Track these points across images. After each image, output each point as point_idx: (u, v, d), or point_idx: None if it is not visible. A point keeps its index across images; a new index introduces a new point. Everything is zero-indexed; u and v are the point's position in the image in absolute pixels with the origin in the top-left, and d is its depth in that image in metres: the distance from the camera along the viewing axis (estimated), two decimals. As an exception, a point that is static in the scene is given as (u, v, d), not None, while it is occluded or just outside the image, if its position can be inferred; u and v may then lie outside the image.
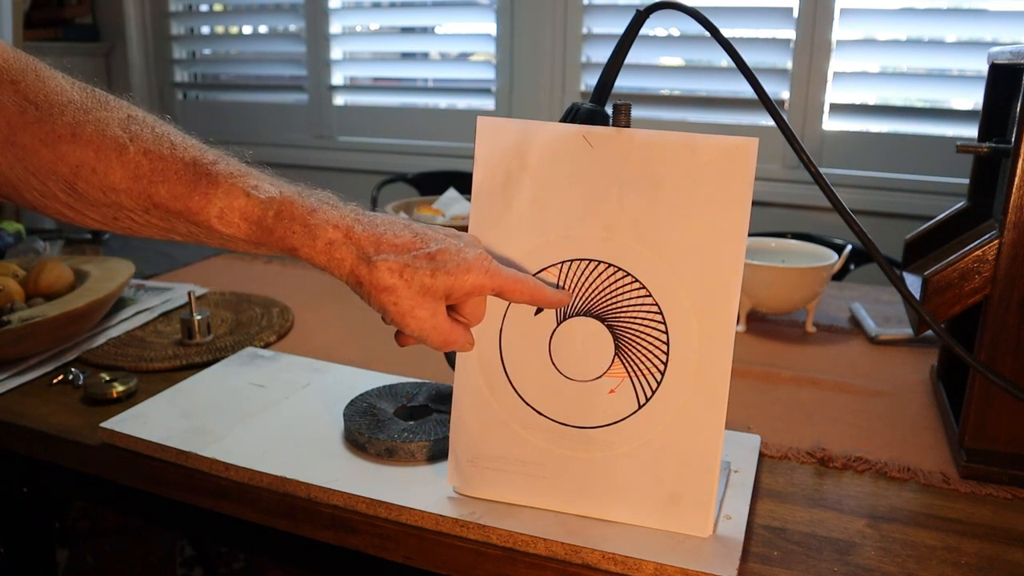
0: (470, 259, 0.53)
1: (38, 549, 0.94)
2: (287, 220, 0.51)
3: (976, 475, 0.66)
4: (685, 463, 0.55)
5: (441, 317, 0.54)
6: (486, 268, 0.53)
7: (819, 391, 0.83)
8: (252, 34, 2.54)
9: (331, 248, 0.52)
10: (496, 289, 0.54)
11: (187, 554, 1.71)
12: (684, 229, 0.54)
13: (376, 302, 0.53)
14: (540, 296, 0.55)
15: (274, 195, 0.52)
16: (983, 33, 1.70)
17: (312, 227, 0.52)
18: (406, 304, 0.52)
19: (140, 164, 0.50)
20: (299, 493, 0.62)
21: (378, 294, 0.52)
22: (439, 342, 0.54)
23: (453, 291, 0.52)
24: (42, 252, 1.22)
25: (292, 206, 0.52)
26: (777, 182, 1.90)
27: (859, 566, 0.55)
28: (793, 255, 1.04)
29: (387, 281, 0.51)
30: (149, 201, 0.50)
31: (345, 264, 0.52)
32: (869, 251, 0.58)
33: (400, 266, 0.51)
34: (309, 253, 0.52)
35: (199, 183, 0.50)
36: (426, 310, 0.52)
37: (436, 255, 0.52)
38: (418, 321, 0.53)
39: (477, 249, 0.54)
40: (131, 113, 0.51)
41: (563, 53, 2.06)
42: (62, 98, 0.49)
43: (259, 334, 0.94)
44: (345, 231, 0.52)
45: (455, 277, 0.52)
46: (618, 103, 0.56)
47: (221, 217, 0.51)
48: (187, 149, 0.51)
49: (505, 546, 0.56)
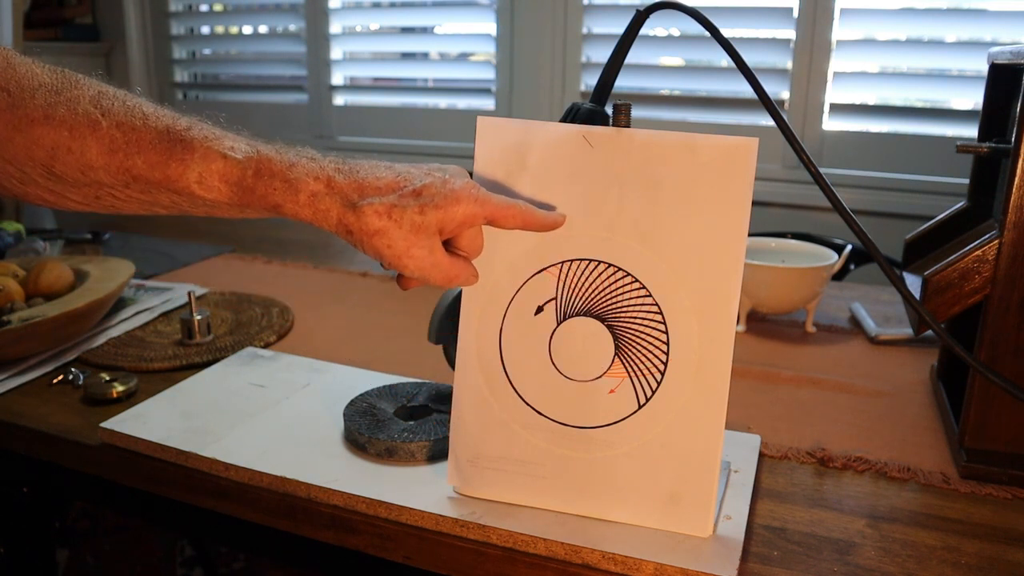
0: (457, 189, 0.52)
1: (38, 549, 0.94)
2: (267, 177, 0.51)
3: (976, 475, 0.66)
4: (685, 463, 0.55)
5: (439, 253, 0.53)
6: (475, 196, 0.52)
7: (819, 391, 0.83)
8: (252, 34, 2.54)
9: (315, 200, 0.51)
10: (488, 216, 0.53)
11: (187, 554, 1.71)
12: (684, 229, 0.54)
13: (369, 247, 0.52)
14: (532, 219, 0.54)
15: (251, 154, 0.51)
16: (983, 33, 1.70)
17: (292, 181, 0.51)
18: (400, 245, 0.51)
19: (114, 138, 0.49)
20: (299, 493, 0.62)
21: (369, 239, 0.51)
22: (441, 278, 0.54)
23: (445, 224, 0.52)
24: (42, 252, 1.22)
25: (270, 163, 0.51)
26: (777, 182, 1.90)
27: (859, 566, 0.55)
28: (793, 255, 1.04)
29: (376, 224, 0.51)
30: (128, 174, 0.50)
31: (331, 214, 0.51)
32: (869, 251, 0.58)
33: (387, 207, 0.51)
34: (293, 208, 0.51)
35: (174, 150, 0.50)
36: (422, 248, 0.52)
37: (422, 191, 0.52)
38: (416, 260, 0.52)
39: (463, 178, 0.53)
40: (101, 90, 0.51)
41: (563, 53, 2.06)
42: (33, 82, 0.49)
43: (259, 334, 0.94)
44: (326, 181, 0.51)
45: (444, 210, 0.51)
46: (618, 103, 0.56)
47: (201, 182, 0.51)
48: (160, 118, 0.51)
49: (505, 546, 0.56)
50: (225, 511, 0.65)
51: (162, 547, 1.71)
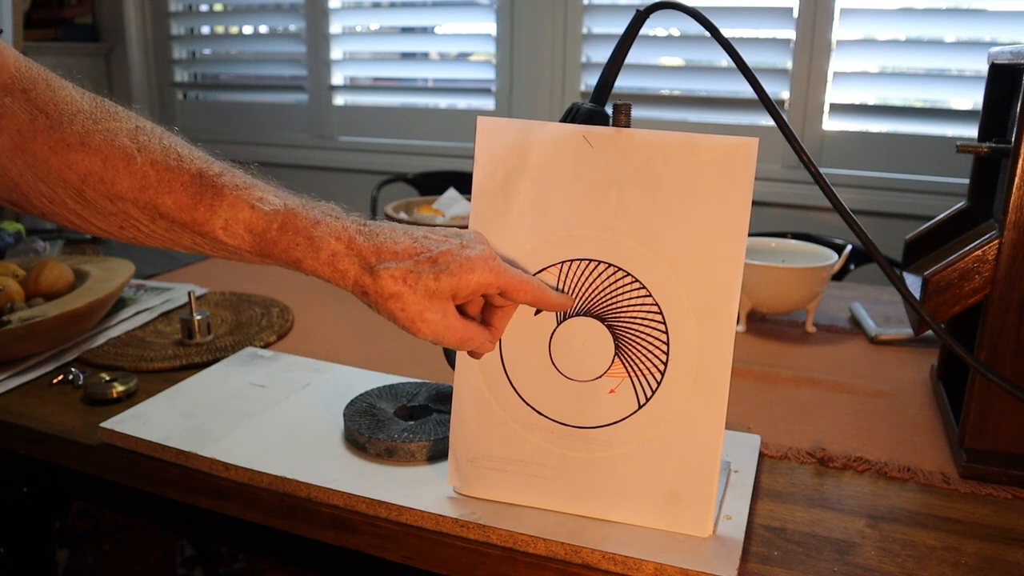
0: (473, 257, 0.53)
1: (38, 549, 0.94)
2: (291, 232, 0.52)
3: (976, 475, 0.66)
4: (685, 463, 0.55)
5: (452, 317, 0.53)
6: (490, 266, 0.53)
7: (819, 391, 0.83)
8: (252, 34, 2.54)
9: (334, 260, 0.52)
10: (501, 287, 0.54)
11: (187, 554, 1.71)
12: (684, 229, 0.54)
13: (384, 310, 0.53)
14: (543, 298, 0.55)
15: (278, 207, 0.52)
16: (983, 33, 1.70)
17: (315, 239, 0.52)
18: (413, 309, 0.52)
19: (147, 174, 0.50)
20: (299, 493, 0.62)
21: (384, 302, 0.52)
22: (455, 341, 0.54)
23: (459, 290, 0.52)
24: (42, 252, 1.22)
25: (296, 218, 0.52)
26: (777, 182, 1.90)
27: (859, 566, 0.55)
28: (793, 255, 1.04)
29: (391, 288, 0.51)
30: (155, 211, 0.51)
31: (349, 275, 0.52)
32: (869, 251, 0.58)
33: (403, 272, 0.52)
34: (313, 266, 0.52)
35: (205, 195, 0.51)
36: (435, 312, 0.52)
37: (438, 258, 0.52)
38: (429, 324, 0.53)
39: (481, 246, 0.54)
40: (139, 124, 0.52)
41: (563, 53, 2.06)
42: (72, 107, 0.50)
43: (259, 334, 0.94)
44: (347, 242, 0.52)
45: (459, 277, 0.52)
46: (618, 103, 0.56)
47: (226, 228, 0.51)
48: (194, 161, 0.52)
49: (505, 546, 0.56)
50: (225, 511, 0.65)
51: (162, 547, 1.72)
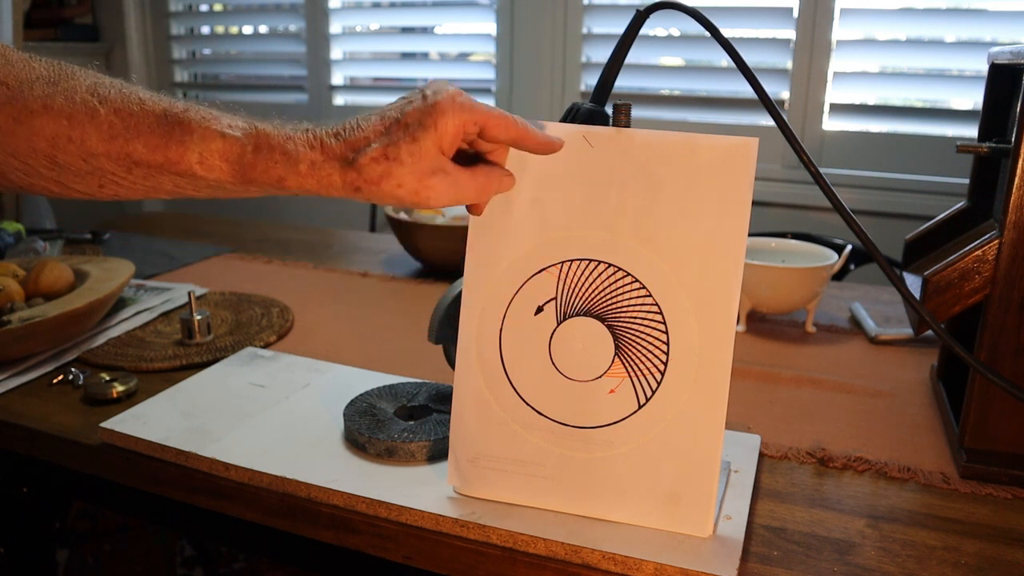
0: (440, 102, 0.51)
1: (38, 549, 0.94)
2: (266, 151, 0.51)
3: (976, 475, 0.66)
4: (685, 463, 0.55)
5: (455, 171, 0.52)
6: (459, 103, 0.51)
7: (819, 391, 0.83)
8: (252, 34, 2.54)
9: (314, 169, 0.51)
10: (477, 122, 0.52)
11: (187, 554, 1.71)
12: (684, 229, 0.54)
13: (384, 196, 0.51)
14: (527, 137, 0.54)
15: (249, 130, 0.52)
16: (983, 33, 1.70)
17: (291, 153, 0.51)
18: (410, 180, 0.51)
19: (113, 124, 0.50)
20: (299, 493, 0.62)
21: (378, 187, 0.51)
22: (473, 194, 0.53)
23: (442, 140, 0.51)
24: (42, 252, 1.22)
25: (268, 137, 0.52)
26: (777, 182, 1.90)
27: (859, 566, 0.55)
28: (793, 255, 1.04)
29: (377, 170, 0.50)
30: (129, 160, 0.50)
31: (335, 180, 0.51)
32: (869, 251, 0.58)
33: (381, 150, 0.50)
34: (296, 180, 0.51)
35: (173, 132, 0.51)
36: (434, 175, 0.51)
37: (405, 119, 0.51)
38: (435, 188, 0.51)
39: (445, 90, 0.52)
40: (97, 79, 0.52)
41: (563, 53, 2.06)
42: (31, 75, 0.50)
43: (259, 334, 0.94)
44: (320, 148, 0.51)
45: (434, 128, 0.50)
46: (618, 103, 0.56)
47: (202, 162, 0.51)
48: (157, 102, 0.52)
49: (505, 546, 0.56)
50: (225, 511, 0.65)
51: (162, 547, 1.72)
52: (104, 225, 1.54)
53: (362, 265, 1.29)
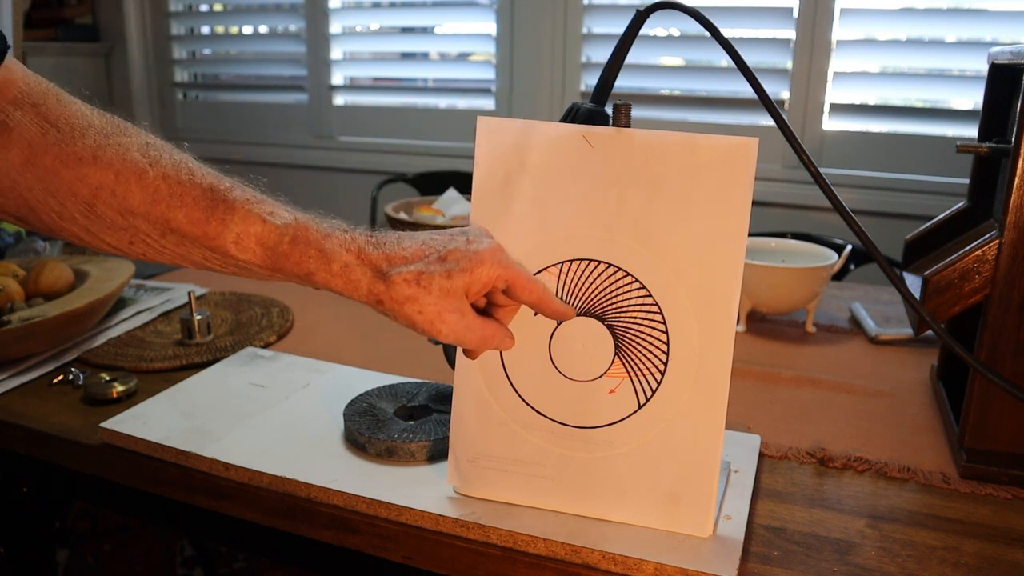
0: (482, 251, 0.53)
1: (38, 549, 0.94)
2: (302, 245, 0.52)
3: (976, 475, 0.66)
4: (685, 463, 0.55)
5: (471, 316, 0.54)
6: (498, 259, 0.53)
7: (819, 391, 0.83)
8: (252, 34, 2.54)
9: (347, 271, 0.52)
10: (508, 280, 0.54)
11: (187, 554, 1.71)
12: (684, 229, 0.54)
13: (402, 316, 0.53)
14: (546, 301, 0.55)
15: (289, 221, 0.53)
16: (983, 33, 1.70)
17: (327, 252, 0.52)
18: (431, 310, 0.52)
19: (159, 188, 0.50)
20: (299, 493, 0.62)
21: (400, 307, 0.52)
22: (476, 340, 0.55)
23: (471, 286, 0.53)
24: (42, 252, 1.22)
25: (307, 231, 0.52)
26: (777, 182, 1.90)
27: (859, 566, 0.55)
28: (793, 255, 1.04)
29: (406, 292, 0.52)
30: (167, 226, 0.51)
31: (362, 285, 0.53)
32: (869, 251, 0.57)
33: (415, 275, 0.52)
34: (326, 278, 0.52)
35: (216, 209, 0.51)
36: (453, 312, 0.53)
37: (447, 256, 0.53)
38: (448, 324, 0.53)
39: (487, 240, 0.54)
40: (149, 140, 0.52)
41: (563, 53, 2.06)
42: (83, 122, 0.50)
43: (259, 334, 0.94)
44: (357, 253, 0.53)
45: (470, 272, 0.52)
46: (618, 103, 0.56)
47: (237, 243, 0.52)
48: (205, 176, 0.52)
49: (505, 546, 0.56)
50: (225, 511, 0.65)
51: (162, 547, 1.72)
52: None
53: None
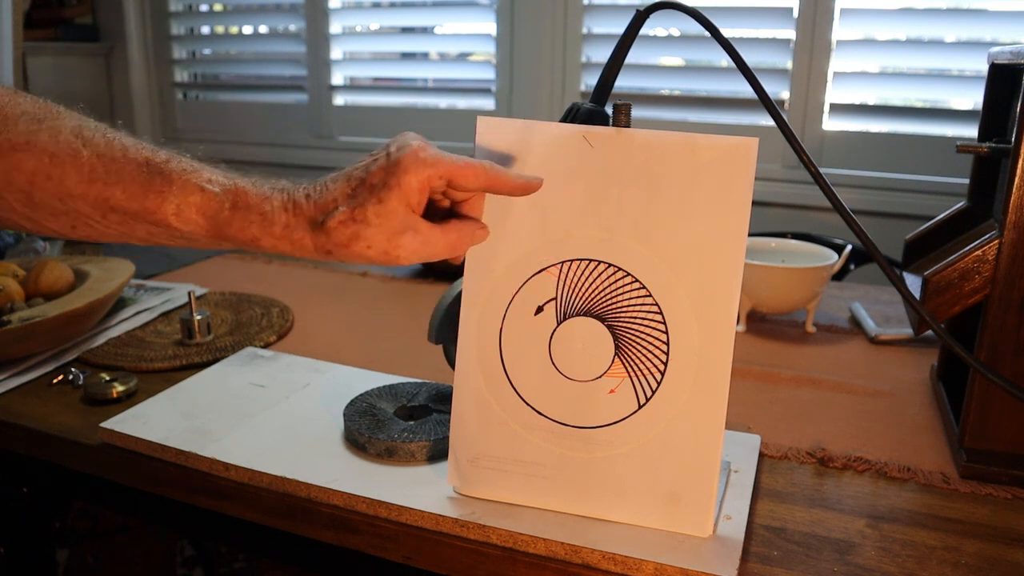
0: (403, 158, 0.50)
1: (38, 549, 0.94)
2: (243, 210, 0.51)
3: (976, 475, 0.66)
4: (685, 463, 0.55)
5: (426, 229, 0.52)
6: (422, 159, 0.50)
7: (819, 391, 0.83)
8: (252, 34, 2.54)
9: (288, 232, 0.51)
10: (445, 175, 0.51)
11: (187, 554, 1.71)
12: (684, 229, 0.54)
13: (355, 257, 0.51)
14: (500, 181, 0.53)
15: (228, 187, 0.52)
16: (983, 33, 1.70)
17: (267, 214, 0.51)
18: (379, 240, 0.50)
19: (94, 167, 0.50)
20: (299, 493, 0.62)
21: (349, 250, 0.51)
22: (445, 249, 0.53)
23: (408, 198, 0.50)
24: (42, 252, 1.22)
25: (246, 195, 0.52)
26: (777, 182, 1.90)
27: (859, 566, 0.55)
28: (793, 255, 1.04)
29: (346, 232, 0.50)
30: (106, 204, 0.51)
31: (307, 243, 0.52)
32: (869, 251, 0.58)
33: (348, 212, 0.50)
34: (271, 241, 0.52)
35: (153, 181, 0.51)
36: (403, 234, 0.51)
37: (370, 179, 0.51)
38: (406, 248, 0.51)
39: (410, 144, 0.51)
40: (82, 121, 0.52)
41: (563, 53, 2.06)
42: (15, 110, 0.50)
43: (259, 334, 0.94)
44: (294, 211, 0.52)
45: (397, 186, 0.50)
46: (618, 103, 0.56)
47: (178, 214, 0.51)
48: (139, 150, 0.52)
49: (505, 546, 0.56)
50: (225, 511, 0.65)
51: (162, 547, 1.71)
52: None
53: (362, 265, 1.29)
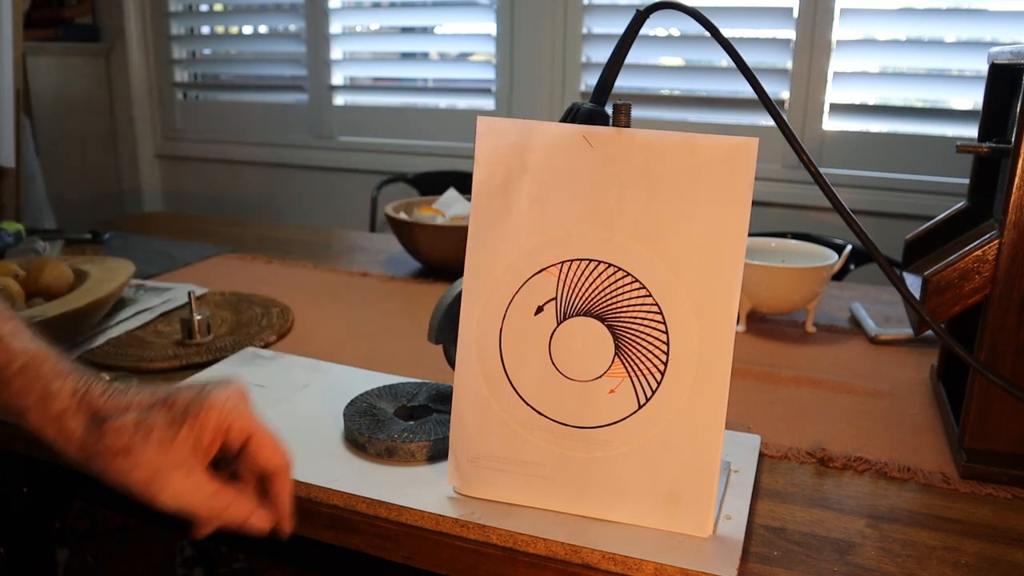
0: (213, 395, 0.47)
1: (38, 549, 0.94)
2: (30, 378, 0.46)
3: (976, 475, 0.66)
4: (685, 463, 0.55)
5: (200, 478, 0.46)
6: (231, 404, 0.47)
7: (819, 391, 0.83)
8: (252, 34, 2.54)
9: (62, 418, 0.46)
10: (244, 430, 0.48)
11: (187, 554, 1.71)
12: (684, 229, 0.54)
13: (114, 473, 0.45)
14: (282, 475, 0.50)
15: (28, 348, 0.47)
16: (983, 33, 1.70)
17: (52, 391, 0.46)
18: (149, 466, 0.45)
19: None
20: (299, 493, 0.62)
21: (111, 461, 0.45)
22: (207, 507, 0.47)
23: (200, 436, 0.46)
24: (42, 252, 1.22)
25: (43, 364, 0.47)
26: (777, 182, 1.90)
27: (859, 566, 0.55)
28: (793, 255, 1.04)
29: (120, 441, 0.45)
30: None
31: (75, 436, 0.46)
32: (869, 251, 0.58)
33: (132, 423, 0.45)
34: (39, 420, 0.46)
35: None
36: (176, 469, 0.45)
37: (172, 403, 0.47)
38: (171, 487, 0.45)
39: (228, 386, 0.49)
40: None
41: (563, 53, 2.06)
42: None
43: (259, 334, 0.94)
44: (81, 397, 0.47)
45: (194, 418, 0.46)
46: (618, 103, 0.56)
47: None
48: None
49: (505, 546, 0.56)
50: (225, 511, 0.65)
51: (162, 547, 1.71)
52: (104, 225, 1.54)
53: (362, 265, 1.29)
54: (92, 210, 2.53)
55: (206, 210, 2.58)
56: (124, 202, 2.68)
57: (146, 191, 2.67)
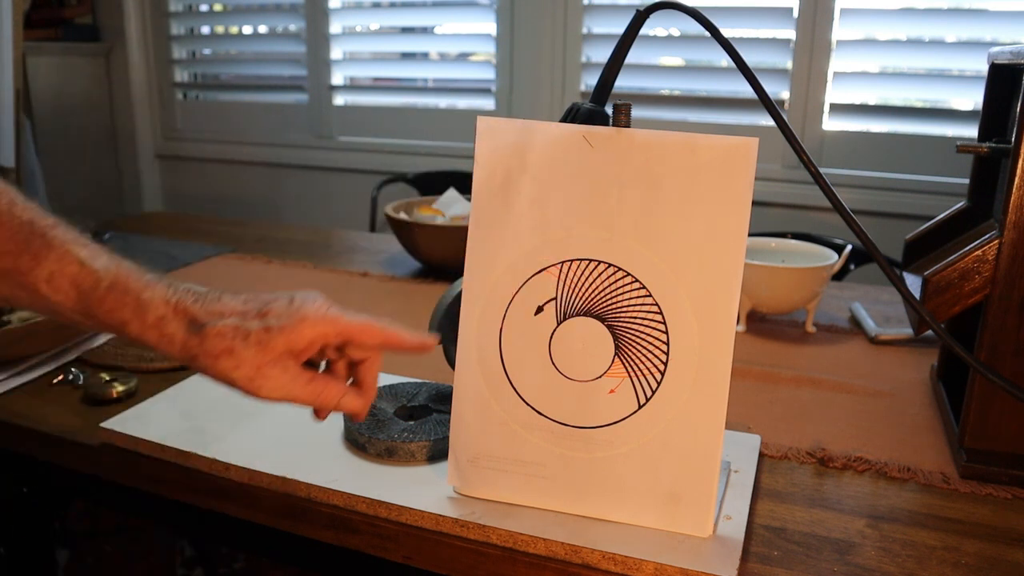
0: (304, 308, 0.51)
1: (38, 549, 0.94)
2: (120, 293, 0.50)
3: (976, 475, 0.66)
4: (685, 463, 0.55)
5: (295, 371, 0.51)
6: (323, 316, 0.51)
7: (819, 391, 0.83)
8: (252, 34, 2.54)
9: (161, 323, 0.50)
10: (340, 334, 0.52)
11: (187, 554, 1.71)
12: (684, 229, 0.54)
13: (218, 372, 0.50)
14: (395, 340, 0.54)
15: (110, 267, 0.50)
16: (983, 33, 1.70)
17: (144, 301, 0.50)
18: (249, 365, 0.50)
19: None
20: (299, 493, 0.62)
21: (215, 362, 0.50)
22: (307, 396, 0.52)
23: (293, 344, 0.50)
24: (42, 252, 1.22)
25: (127, 279, 0.50)
26: (777, 182, 1.90)
27: (859, 566, 0.55)
28: (793, 255, 1.04)
29: (220, 344, 0.49)
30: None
31: (176, 339, 0.50)
32: (869, 251, 0.58)
33: (232, 327, 0.49)
34: (139, 328, 0.50)
35: (32, 243, 0.49)
36: (275, 367, 0.50)
37: (266, 312, 0.51)
38: (271, 379, 0.50)
39: (315, 301, 0.52)
40: None
41: (563, 53, 2.06)
42: None
43: (259, 334, 0.94)
44: (175, 305, 0.50)
45: (290, 330, 0.50)
46: (618, 103, 0.56)
47: (50, 281, 0.49)
48: (25, 210, 0.50)
49: (505, 546, 0.56)
50: (225, 511, 0.65)
51: (162, 547, 1.71)
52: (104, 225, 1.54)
53: (362, 265, 1.29)
54: (92, 210, 2.53)
55: (206, 210, 2.58)
56: (124, 202, 2.68)
57: (146, 191, 2.67)
